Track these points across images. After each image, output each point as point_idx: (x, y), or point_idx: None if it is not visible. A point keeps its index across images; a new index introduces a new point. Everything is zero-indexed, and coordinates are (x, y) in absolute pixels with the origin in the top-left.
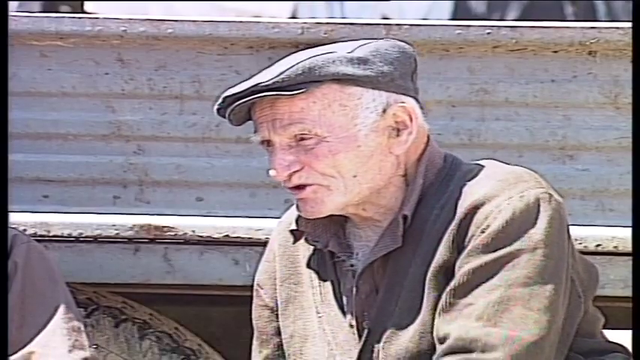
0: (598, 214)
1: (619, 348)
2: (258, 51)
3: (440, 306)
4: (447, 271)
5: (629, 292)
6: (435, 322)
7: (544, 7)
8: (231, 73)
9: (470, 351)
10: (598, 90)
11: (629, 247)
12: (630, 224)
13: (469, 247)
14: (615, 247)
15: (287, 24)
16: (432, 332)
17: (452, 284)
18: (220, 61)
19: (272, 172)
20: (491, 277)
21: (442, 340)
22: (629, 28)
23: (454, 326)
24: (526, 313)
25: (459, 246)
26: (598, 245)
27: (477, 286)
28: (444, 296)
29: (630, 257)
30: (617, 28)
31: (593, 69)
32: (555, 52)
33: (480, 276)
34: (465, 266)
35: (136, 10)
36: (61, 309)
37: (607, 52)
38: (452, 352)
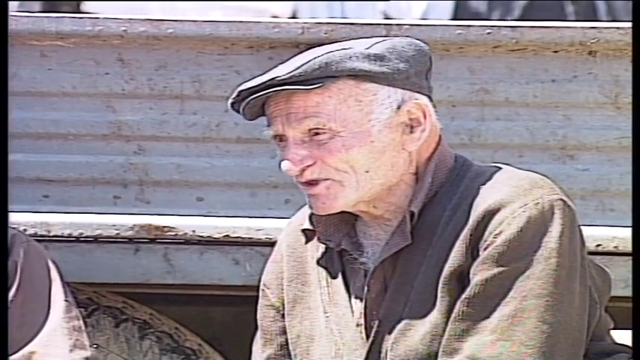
0: (598, 214)
1: (624, 349)
2: (258, 51)
3: (454, 314)
4: (460, 276)
5: (629, 292)
6: (447, 330)
7: (544, 7)
8: (232, 73)
9: None
10: (598, 90)
11: (629, 247)
12: (630, 224)
13: (483, 255)
14: (615, 247)
15: (287, 24)
16: (442, 335)
17: (466, 293)
18: (221, 61)
19: (284, 166)
20: (505, 288)
21: (451, 353)
22: (629, 28)
23: (467, 343)
24: (540, 327)
25: (472, 252)
26: (598, 245)
27: (491, 298)
28: (458, 305)
29: (630, 257)
30: (618, 28)
31: (594, 69)
32: (555, 52)
33: (494, 286)
34: (479, 275)
35: (166, 9)
36: (62, 308)
37: (607, 52)
38: None
